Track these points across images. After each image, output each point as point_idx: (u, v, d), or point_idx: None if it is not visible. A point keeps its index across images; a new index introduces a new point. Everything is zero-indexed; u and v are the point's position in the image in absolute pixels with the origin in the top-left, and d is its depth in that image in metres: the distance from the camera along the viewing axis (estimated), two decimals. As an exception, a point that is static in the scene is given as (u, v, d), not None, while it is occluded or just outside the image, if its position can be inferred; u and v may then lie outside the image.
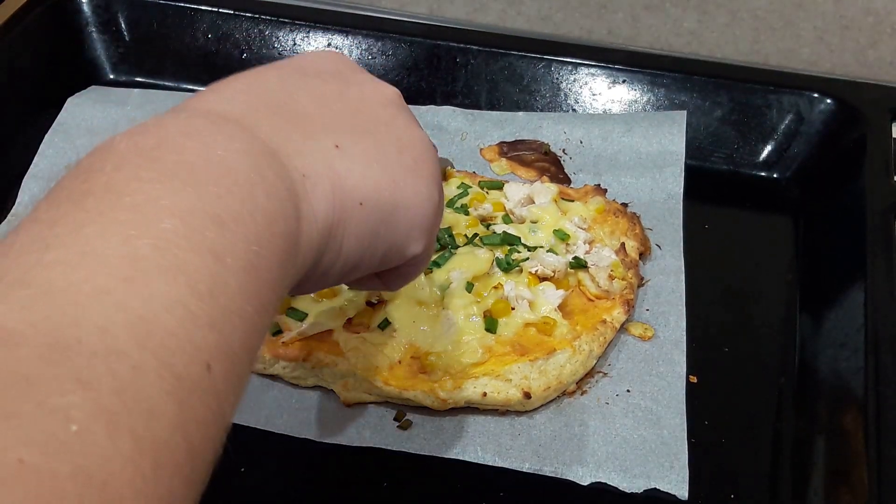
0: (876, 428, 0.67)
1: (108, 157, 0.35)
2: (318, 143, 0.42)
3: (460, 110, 0.98)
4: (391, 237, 0.46)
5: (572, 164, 0.95)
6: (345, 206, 0.42)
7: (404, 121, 0.49)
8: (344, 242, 0.43)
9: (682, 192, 0.90)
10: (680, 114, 0.96)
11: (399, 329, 0.72)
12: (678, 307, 0.80)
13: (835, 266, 0.84)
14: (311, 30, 1.03)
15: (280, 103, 0.43)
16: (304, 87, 0.46)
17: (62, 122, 0.94)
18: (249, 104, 0.42)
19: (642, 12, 1.14)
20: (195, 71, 1.03)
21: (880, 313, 0.75)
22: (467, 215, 0.83)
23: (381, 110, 0.48)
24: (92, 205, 0.33)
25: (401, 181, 0.45)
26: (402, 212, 0.45)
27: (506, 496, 0.68)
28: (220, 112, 0.41)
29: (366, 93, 0.48)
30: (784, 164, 0.97)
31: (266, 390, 0.73)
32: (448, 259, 0.76)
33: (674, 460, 0.68)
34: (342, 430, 0.70)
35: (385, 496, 0.68)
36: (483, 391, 0.70)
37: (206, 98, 0.42)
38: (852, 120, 0.93)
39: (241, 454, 0.68)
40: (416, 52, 1.02)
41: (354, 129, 0.45)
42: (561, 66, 1.00)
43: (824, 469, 0.69)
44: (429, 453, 0.69)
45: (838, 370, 0.75)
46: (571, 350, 0.73)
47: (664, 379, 0.74)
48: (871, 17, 1.10)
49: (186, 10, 1.03)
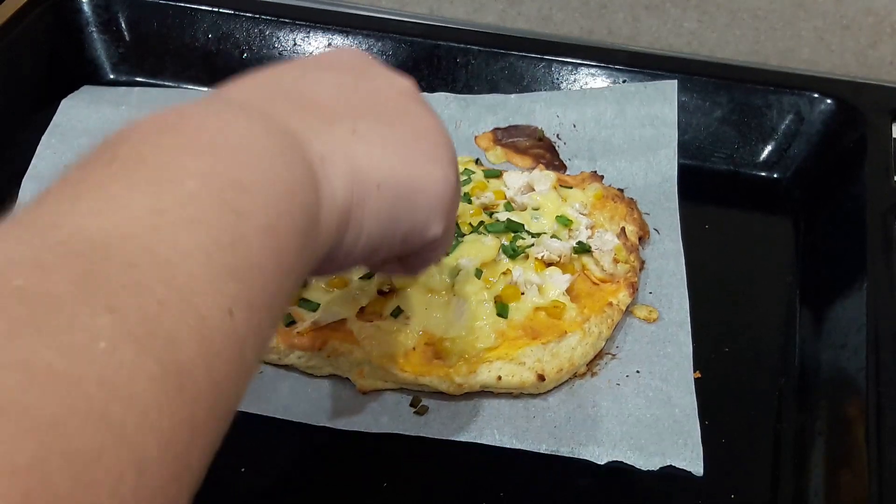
0: (877, 428, 0.67)
1: (132, 133, 0.36)
2: (336, 128, 0.43)
3: (453, 96, 0.99)
4: (411, 219, 0.46)
5: (567, 150, 0.95)
6: (363, 187, 0.43)
7: (420, 110, 0.49)
8: (364, 223, 0.44)
9: (676, 174, 0.92)
10: (670, 84, 0.96)
11: (412, 316, 0.73)
12: (680, 289, 0.82)
13: (835, 266, 0.84)
14: (311, 30, 1.03)
15: (297, 94, 0.45)
16: (321, 79, 0.47)
17: (58, 123, 0.94)
18: (267, 94, 0.44)
19: (642, 12, 1.14)
20: (195, 71, 1.03)
21: (881, 313, 0.75)
22: (470, 203, 0.84)
23: (397, 100, 0.49)
24: (118, 168, 0.34)
25: (418, 165, 0.46)
26: (421, 194, 0.46)
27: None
28: (239, 100, 0.42)
29: (381, 84, 0.49)
30: (784, 165, 0.97)
31: (282, 380, 0.73)
32: (456, 247, 0.78)
33: (687, 438, 0.70)
34: (360, 417, 0.71)
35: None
36: (498, 375, 0.71)
37: (224, 90, 0.44)
38: (853, 120, 0.93)
39: (246, 450, 0.68)
40: (416, 52, 1.02)
41: (371, 116, 0.46)
42: (561, 66, 1.00)
43: (825, 469, 0.69)
44: (447, 437, 0.70)
45: (839, 371, 0.75)
46: (582, 333, 0.74)
47: (672, 359, 0.76)
48: (871, 17, 1.10)
49: (187, 10, 1.02)
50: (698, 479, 0.68)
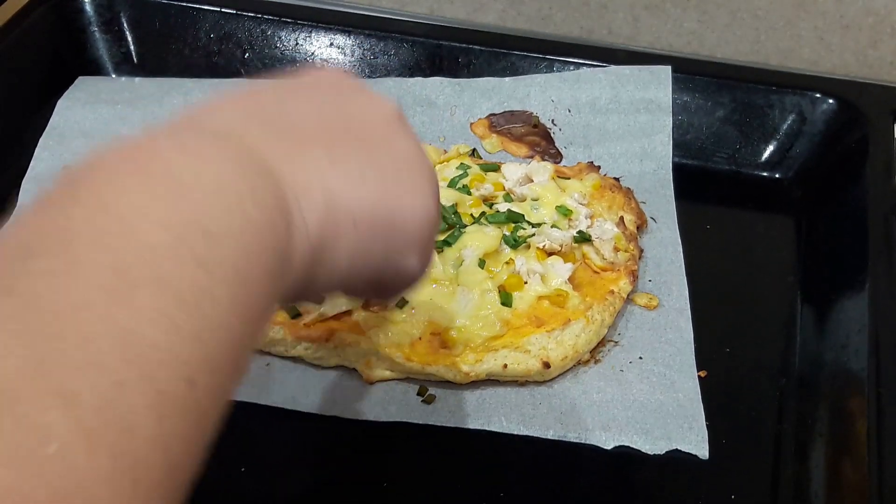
0: (877, 428, 0.67)
1: (98, 169, 0.35)
2: (312, 156, 0.42)
3: (448, 80, 0.99)
4: (385, 252, 0.45)
5: (562, 137, 0.96)
6: (339, 221, 0.42)
7: (403, 137, 0.48)
8: (337, 256, 0.42)
9: (671, 160, 0.93)
10: (665, 70, 0.97)
11: (417, 307, 0.74)
12: (679, 277, 0.83)
13: (837, 266, 0.84)
14: (313, 29, 1.03)
15: (274, 118, 0.43)
16: (300, 102, 0.45)
17: (55, 125, 0.94)
18: (242, 118, 0.42)
19: (643, 12, 1.15)
20: (197, 70, 1.03)
21: (882, 314, 0.75)
22: (469, 195, 0.85)
23: (379, 126, 0.47)
24: (79, 213, 0.32)
25: (395, 197, 0.45)
26: (397, 228, 0.45)
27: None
28: (212, 127, 0.41)
29: (364, 108, 0.48)
30: (786, 165, 0.97)
31: (289, 372, 0.74)
32: (458, 238, 0.78)
33: (692, 422, 0.71)
34: (369, 406, 0.72)
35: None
36: (504, 363, 0.72)
37: (198, 113, 0.42)
38: (854, 120, 0.94)
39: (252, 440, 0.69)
40: (418, 52, 1.02)
41: (350, 143, 0.44)
42: (562, 66, 1.00)
43: (825, 469, 0.69)
44: (455, 425, 0.71)
45: (840, 371, 0.75)
46: (585, 320, 0.75)
47: (673, 345, 0.77)
48: (871, 17, 1.10)
49: (189, 10, 1.03)
50: (700, 476, 0.69)
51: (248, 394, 0.71)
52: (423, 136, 0.95)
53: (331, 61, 1.02)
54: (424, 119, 0.97)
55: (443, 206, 0.79)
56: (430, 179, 0.48)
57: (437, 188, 0.49)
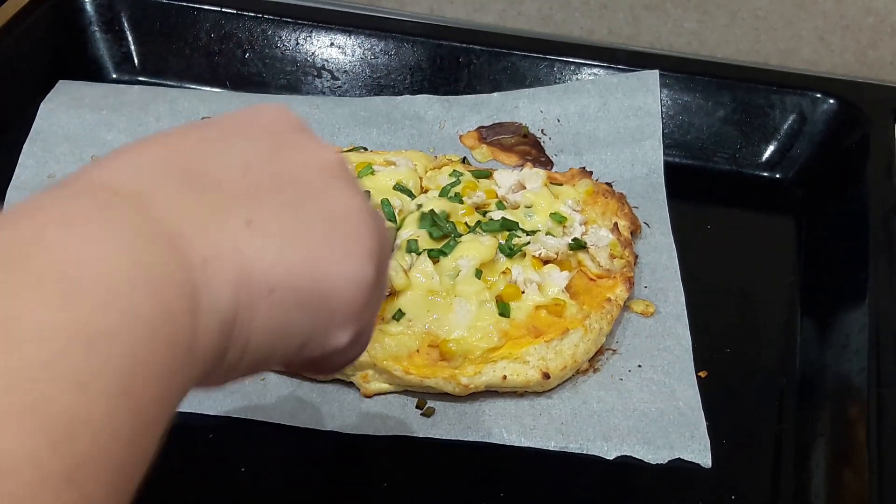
0: (878, 429, 0.67)
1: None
2: (230, 218, 0.37)
3: (436, 97, 0.99)
4: (310, 326, 0.40)
5: (552, 145, 0.96)
6: (252, 292, 0.37)
7: (341, 190, 0.42)
8: (252, 333, 0.37)
9: (662, 164, 0.92)
10: (652, 75, 0.97)
11: (414, 319, 0.74)
12: (674, 283, 0.83)
13: (837, 266, 0.84)
14: (313, 29, 1.03)
15: (193, 170, 0.38)
16: (227, 151, 0.40)
17: (39, 130, 0.92)
18: (155, 173, 0.37)
19: (643, 12, 1.15)
20: (198, 70, 1.03)
21: (882, 314, 0.75)
22: (462, 203, 0.84)
23: (316, 178, 0.42)
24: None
25: (324, 262, 0.40)
26: (323, 296, 0.40)
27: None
28: (116, 186, 0.36)
29: (300, 157, 0.42)
30: (787, 165, 0.97)
31: (286, 387, 0.73)
32: (454, 247, 0.78)
33: (693, 430, 0.70)
34: (367, 420, 0.71)
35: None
36: (503, 374, 0.72)
37: (107, 166, 0.38)
38: (855, 120, 0.94)
39: (249, 455, 0.68)
40: (418, 52, 1.02)
41: (276, 200, 0.39)
42: (563, 66, 1.00)
43: (826, 470, 0.69)
44: (455, 438, 0.70)
45: (840, 371, 0.75)
46: (583, 329, 0.75)
47: (672, 352, 0.77)
48: (871, 17, 1.10)
49: (189, 10, 1.02)
50: (700, 478, 0.68)
51: (244, 411, 0.70)
52: (413, 147, 0.94)
53: (331, 61, 1.02)
54: (413, 132, 0.97)
55: (436, 215, 0.79)
56: (369, 237, 0.42)
57: (382, 248, 0.44)
